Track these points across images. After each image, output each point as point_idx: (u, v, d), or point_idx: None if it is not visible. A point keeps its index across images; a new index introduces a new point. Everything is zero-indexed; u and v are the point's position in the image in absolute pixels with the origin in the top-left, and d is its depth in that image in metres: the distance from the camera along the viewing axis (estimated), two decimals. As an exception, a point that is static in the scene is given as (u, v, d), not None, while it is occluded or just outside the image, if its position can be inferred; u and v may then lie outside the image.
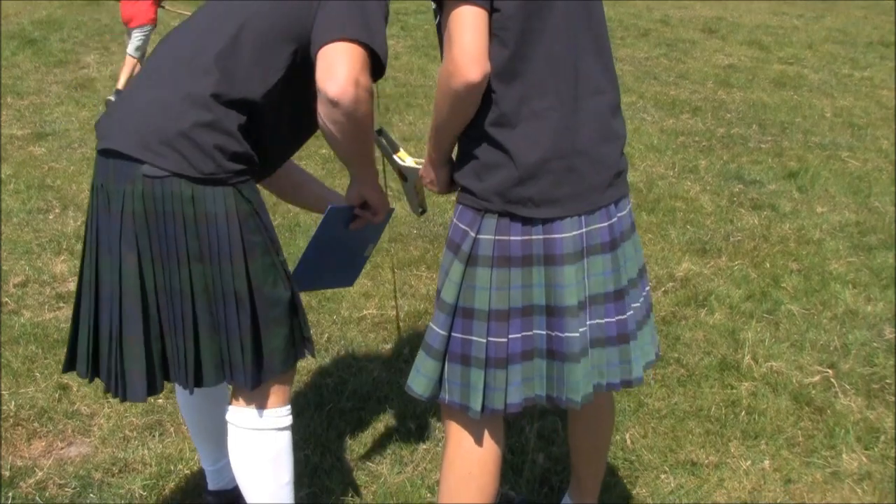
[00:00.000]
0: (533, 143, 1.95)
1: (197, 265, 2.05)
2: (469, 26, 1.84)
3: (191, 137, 2.00)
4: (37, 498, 2.82)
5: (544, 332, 2.02)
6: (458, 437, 2.18)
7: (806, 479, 2.98)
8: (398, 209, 5.15)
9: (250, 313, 2.10)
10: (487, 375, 2.03)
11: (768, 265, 4.66)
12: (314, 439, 3.12)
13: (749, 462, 3.05)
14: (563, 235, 1.96)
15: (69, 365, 2.24)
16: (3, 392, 3.34)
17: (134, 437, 3.11)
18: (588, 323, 2.05)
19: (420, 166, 2.29)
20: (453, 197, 5.32)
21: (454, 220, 2.07)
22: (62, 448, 3.07)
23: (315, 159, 6.20)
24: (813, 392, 3.48)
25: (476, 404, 2.05)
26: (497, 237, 1.97)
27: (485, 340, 2.01)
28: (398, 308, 4.06)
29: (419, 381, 2.13)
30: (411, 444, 3.11)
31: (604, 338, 2.07)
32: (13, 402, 3.27)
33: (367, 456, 3.04)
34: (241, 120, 2.05)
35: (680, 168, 6.32)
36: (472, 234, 1.99)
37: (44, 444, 3.09)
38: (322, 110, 2.00)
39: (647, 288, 2.25)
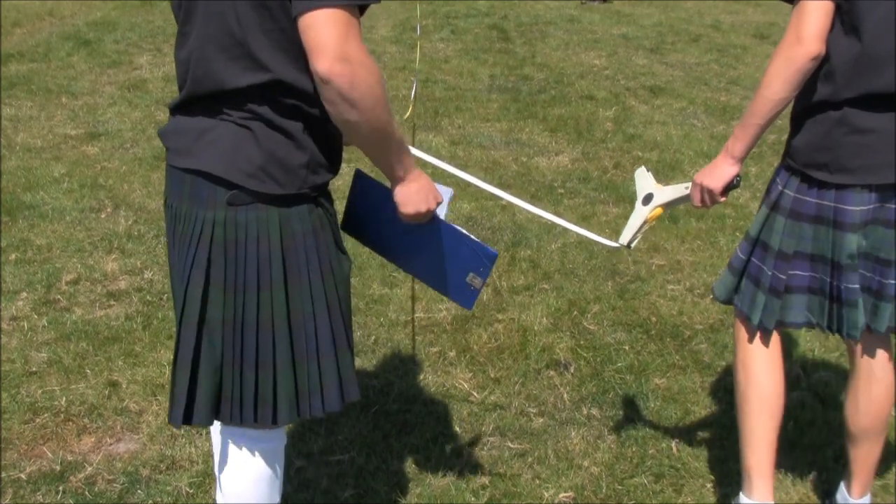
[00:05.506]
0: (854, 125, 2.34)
1: (279, 292, 1.95)
2: (817, 12, 2.23)
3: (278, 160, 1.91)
4: (86, 492, 2.86)
5: (828, 280, 2.46)
6: (743, 338, 2.65)
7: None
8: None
9: (331, 330, 2.02)
10: (767, 300, 2.54)
11: (819, 274, 4.59)
12: (359, 441, 3.13)
13: (798, 474, 3.02)
14: (853, 208, 2.37)
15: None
16: (55, 388, 3.39)
17: (181, 434, 3.13)
18: (864, 274, 2.44)
19: (686, 190, 2.64)
20: (502, 201, 5.32)
21: (775, 177, 2.56)
22: (111, 444, 3.11)
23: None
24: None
25: (755, 319, 2.57)
26: (796, 195, 2.46)
27: (770, 272, 2.52)
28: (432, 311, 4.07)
29: (720, 288, 2.71)
30: (457, 448, 3.11)
31: (884, 294, 2.43)
32: (64, 398, 3.32)
33: (412, 458, 3.05)
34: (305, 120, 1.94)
35: (730, 175, 6.25)
36: (780, 188, 2.51)
37: (93, 439, 3.13)
38: (321, 92, 1.81)
39: None
